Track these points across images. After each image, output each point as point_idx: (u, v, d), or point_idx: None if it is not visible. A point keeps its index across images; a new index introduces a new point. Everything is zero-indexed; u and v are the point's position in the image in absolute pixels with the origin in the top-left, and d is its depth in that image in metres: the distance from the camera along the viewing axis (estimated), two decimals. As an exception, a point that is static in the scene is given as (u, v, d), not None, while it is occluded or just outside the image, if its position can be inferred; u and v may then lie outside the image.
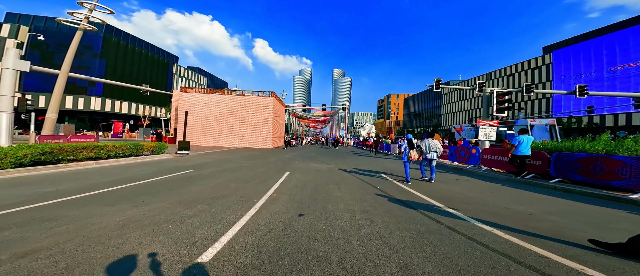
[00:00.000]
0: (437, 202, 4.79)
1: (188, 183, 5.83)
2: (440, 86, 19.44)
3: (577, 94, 16.55)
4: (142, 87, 22.61)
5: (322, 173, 8.41)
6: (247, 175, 7.30)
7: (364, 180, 7.26)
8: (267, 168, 9.01)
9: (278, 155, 15.75)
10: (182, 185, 5.60)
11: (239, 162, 10.61)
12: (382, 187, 6.23)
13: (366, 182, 6.95)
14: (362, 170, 9.44)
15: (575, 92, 16.63)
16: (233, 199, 4.52)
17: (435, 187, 6.43)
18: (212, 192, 5.05)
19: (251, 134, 24.56)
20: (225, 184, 5.87)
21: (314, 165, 10.53)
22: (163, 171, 7.54)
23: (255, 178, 6.81)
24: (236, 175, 7.34)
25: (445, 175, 8.57)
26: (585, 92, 16.31)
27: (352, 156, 16.68)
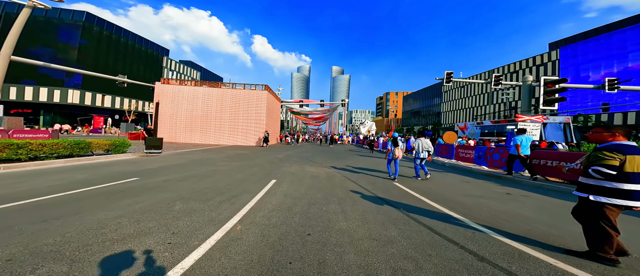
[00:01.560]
0: (532, 251, 2.84)
1: (106, 203, 3.80)
2: (451, 79, 17.58)
3: (606, 88, 14.85)
4: (118, 77, 20.30)
5: (319, 181, 6.44)
6: (215, 186, 5.29)
7: (378, 193, 5.30)
8: (248, 174, 7.01)
9: (269, 154, 13.73)
10: (89, 209, 3.56)
11: (216, 165, 8.57)
12: (406, 206, 4.28)
13: (385, 198, 4.99)
14: (366, 172, 7.53)
15: (604, 86, 14.92)
16: (149, 243, 2.52)
17: (498, 213, 4.52)
18: (127, 225, 3.02)
19: (242, 131, 22.44)
20: (167, 205, 3.86)
21: (310, 169, 8.56)
22: (96, 179, 5.47)
23: (224, 192, 4.81)
24: (199, 185, 5.31)
25: (485, 186, 6.64)
26: (616, 86, 14.61)
27: (352, 155, 14.76)
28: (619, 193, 2.15)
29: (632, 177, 2.11)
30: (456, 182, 7.07)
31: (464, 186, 6.46)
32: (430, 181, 6.98)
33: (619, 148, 2.18)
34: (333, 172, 8.21)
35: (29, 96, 33.89)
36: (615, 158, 2.12)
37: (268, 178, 6.61)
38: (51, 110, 35.42)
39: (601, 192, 2.23)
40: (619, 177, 2.14)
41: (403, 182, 6.76)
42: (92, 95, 37.96)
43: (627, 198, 2.13)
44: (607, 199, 2.19)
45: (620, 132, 2.32)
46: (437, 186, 6.30)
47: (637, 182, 2.11)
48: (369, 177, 7.43)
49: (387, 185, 6.18)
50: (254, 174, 7.09)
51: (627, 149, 2.15)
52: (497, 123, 27.79)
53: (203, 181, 5.75)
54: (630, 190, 2.12)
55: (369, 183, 6.44)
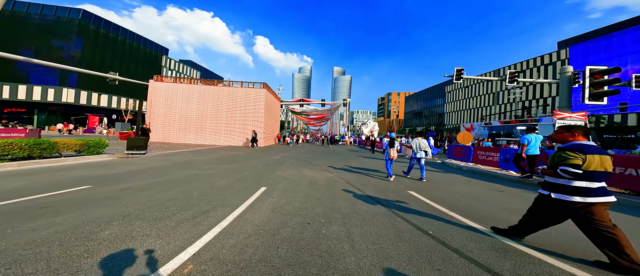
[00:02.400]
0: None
1: (19, 223, 2.73)
2: (461, 76, 16.44)
3: (633, 85, 13.62)
4: (109, 74, 19.36)
5: (318, 188, 5.35)
6: (184, 197, 4.21)
7: (388, 205, 4.19)
8: (234, 179, 5.93)
9: (266, 156, 12.65)
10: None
11: (200, 168, 7.50)
12: (432, 228, 3.16)
13: (399, 214, 3.88)
14: (372, 175, 6.43)
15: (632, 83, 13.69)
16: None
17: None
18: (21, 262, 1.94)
19: (240, 131, 21.40)
20: (95, 229, 2.78)
21: (308, 173, 7.47)
22: (33, 188, 4.41)
23: (192, 206, 3.73)
24: (163, 196, 4.24)
25: (528, 198, 5.51)
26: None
27: (355, 157, 13.65)
28: (578, 191, 2.22)
29: (591, 175, 2.18)
30: (487, 191, 5.94)
31: (501, 198, 5.32)
32: (453, 189, 5.86)
33: (580, 147, 2.24)
34: (334, 176, 7.11)
35: (22, 95, 33.14)
36: (578, 158, 2.19)
37: (257, 185, 5.52)
38: (46, 109, 34.63)
39: (562, 190, 2.29)
40: (582, 176, 2.20)
41: (419, 189, 5.65)
42: (88, 94, 37.12)
43: (586, 195, 2.19)
44: (567, 197, 2.26)
45: (580, 132, 2.41)
46: (464, 196, 5.17)
47: (596, 180, 2.18)
48: (376, 180, 6.32)
49: (402, 195, 5.07)
50: (241, 179, 6.01)
51: (587, 149, 2.23)
52: (507, 124, 26.57)
53: (173, 190, 4.67)
54: (588, 187, 2.19)
55: (378, 190, 5.34)
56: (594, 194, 2.19)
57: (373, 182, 6.57)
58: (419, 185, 6.18)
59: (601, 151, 2.24)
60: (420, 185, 6.19)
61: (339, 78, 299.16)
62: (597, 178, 2.19)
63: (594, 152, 2.20)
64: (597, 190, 2.19)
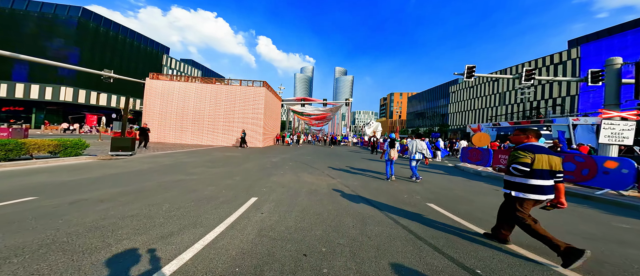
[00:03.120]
0: None
1: None
2: (472, 74, 15.49)
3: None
4: (103, 72, 18.68)
5: (318, 199, 4.49)
6: (147, 213, 3.38)
7: (418, 230, 3.32)
8: (221, 187, 5.10)
9: (263, 158, 11.82)
10: None
11: (187, 173, 6.69)
12: (480, 265, 2.27)
13: (425, 238, 3.01)
14: (383, 181, 5.55)
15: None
16: None
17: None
18: None
19: (238, 131, 20.62)
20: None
21: (308, 179, 6.62)
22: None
23: (153, 226, 2.89)
24: (120, 212, 3.40)
25: (587, 216, 4.60)
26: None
27: (359, 159, 12.77)
28: (531, 188, 2.41)
29: (539, 173, 2.38)
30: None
31: (553, 216, 4.41)
32: (482, 202, 4.97)
33: (530, 148, 2.45)
34: (337, 182, 6.25)
35: (20, 93, 32.76)
36: (527, 157, 2.39)
37: (247, 194, 4.68)
38: (43, 108, 34.20)
39: (519, 188, 2.48)
40: (530, 174, 2.40)
41: (439, 200, 4.76)
42: (87, 92, 36.65)
43: (537, 192, 2.39)
44: (524, 194, 2.44)
45: (532, 134, 2.61)
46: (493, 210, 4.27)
47: (543, 178, 2.38)
48: (386, 187, 5.44)
49: (421, 208, 4.19)
50: (230, 187, 5.17)
51: (536, 149, 2.43)
52: (517, 124, 25.49)
53: (138, 202, 3.82)
54: (538, 185, 2.39)
55: (390, 200, 4.46)
56: (539, 192, 2.37)
57: (382, 188, 5.69)
58: (438, 195, 5.29)
59: (550, 152, 2.44)
60: (439, 195, 5.30)
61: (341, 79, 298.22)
62: (543, 175, 2.36)
63: (542, 152, 2.39)
64: (544, 188, 2.37)
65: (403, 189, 5.75)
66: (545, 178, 2.37)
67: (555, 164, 2.38)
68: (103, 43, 39.56)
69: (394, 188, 5.89)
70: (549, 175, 2.38)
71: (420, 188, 5.99)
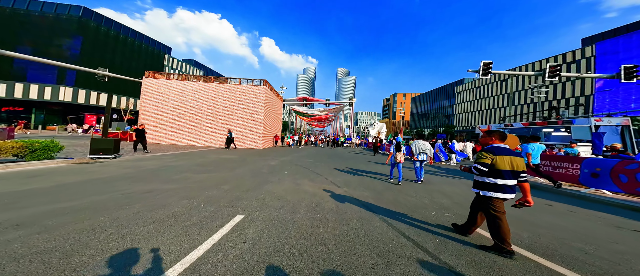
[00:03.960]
0: None
1: None
2: (489, 71, 14.37)
3: None
4: (98, 70, 17.99)
5: (321, 220, 3.47)
6: (71, 248, 2.38)
7: (455, 266, 2.25)
8: (201, 200, 4.11)
9: (261, 161, 10.85)
10: None
11: (167, 180, 5.73)
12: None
13: None
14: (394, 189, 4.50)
15: None
16: None
17: None
18: None
19: (237, 131, 19.72)
20: None
21: (309, 188, 5.60)
22: None
23: (68, 271, 1.87)
24: (43, 240, 2.42)
25: None
26: None
27: (364, 161, 11.70)
28: (495, 187, 2.56)
29: (500, 173, 2.51)
30: (591, 224, 3.94)
31: (624, 239, 3.32)
32: (543, 222, 3.88)
33: (492, 149, 2.59)
34: (344, 192, 5.21)
35: (19, 93, 32.43)
36: (488, 158, 2.54)
37: (230, 211, 3.68)
38: (43, 108, 33.81)
39: (485, 187, 2.62)
40: (493, 174, 2.53)
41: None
42: (86, 93, 36.21)
43: (501, 191, 2.53)
44: (490, 193, 2.58)
45: (496, 136, 2.74)
46: (573, 238, 3.19)
47: (505, 177, 2.51)
48: (406, 200, 4.39)
49: (472, 236, 3.12)
50: (210, 200, 4.17)
51: (497, 150, 2.56)
52: (532, 126, 24.03)
53: (73, 226, 2.83)
54: (501, 184, 2.53)
55: (416, 220, 3.40)
56: (502, 191, 2.53)
57: (400, 201, 4.63)
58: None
59: (513, 153, 2.56)
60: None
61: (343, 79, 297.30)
62: (505, 176, 2.51)
63: (503, 154, 2.53)
64: (505, 188, 2.53)
65: (427, 203, 4.68)
66: (508, 178, 2.50)
67: (517, 165, 2.51)
68: (104, 43, 39.19)
69: (415, 201, 4.83)
70: (511, 175, 2.51)
71: (448, 201, 4.92)
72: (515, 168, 2.49)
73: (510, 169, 2.48)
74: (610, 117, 19.63)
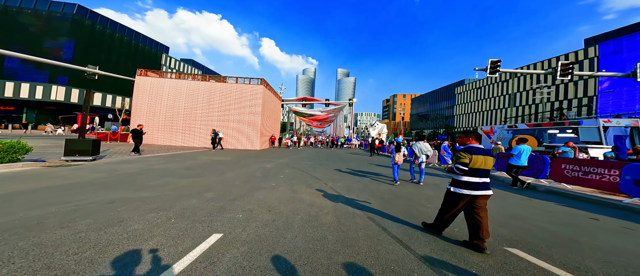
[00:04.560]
0: None
1: None
2: (497, 69, 13.76)
3: None
4: (87, 68, 17.27)
5: (320, 239, 2.77)
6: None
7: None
8: (174, 212, 3.39)
9: (256, 163, 10.13)
10: None
11: (143, 186, 5.01)
12: None
13: None
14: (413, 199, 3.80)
15: None
16: None
17: None
18: None
19: (233, 132, 19.00)
20: None
21: (306, 195, 4.90)
22: None
23: None
24: None
25: None
26: None
27: (367, 164, 11.00)
28: (466, 185, 2.65)
29: (474, 172, 2.63)
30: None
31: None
32: (603, 246, 3.18)
33: (468, 149, 2.68)
34: (346, 200, 4.48)
35: (10, 92, 31.54)
36: (466, 157, 2.63)
37: (206, 228, 2.96)
38: (35, 108, 32.91)
39: (457, 184, 2.72)
40: (469, 172, 2.64)
41: (527, 244, 2.99)
42: (80, 92, 35.30)
43: (472, 188, 2.63)
44: (460, 190, 2.68)
45: (472, 137, 2.86)
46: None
47: (478, 175, 2.63)
48: (420, 211, 3.67)
49: (508, 259, 2.40)
50: (185, 213, 3.45)
51: (473, 150, 2.66)
52: (537, 126, 23.39)
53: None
54: (473, 181, 2.63)
55: (438, 239, 2.68)
56: (477, 188, 2.63)
57: (412, 212, 3.91)
58: (510, 229, 3.50)
59: (486, 153, 2.68)
60: (511, 229, 3.51)
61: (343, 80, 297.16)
62: (479, 174, 2.64)
63: (479, 153, 2.63)
64: (479, 185, 2.64)
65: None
66: (482, 176, 2.65)
67: (487, 163, 2.64)
68: (99, 41, 38.38)
69: (430, 212, 4.12)
70: (484, 174, 2.66)
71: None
72: (486, 166, 2.65)
73: (484, 168, 2.64)
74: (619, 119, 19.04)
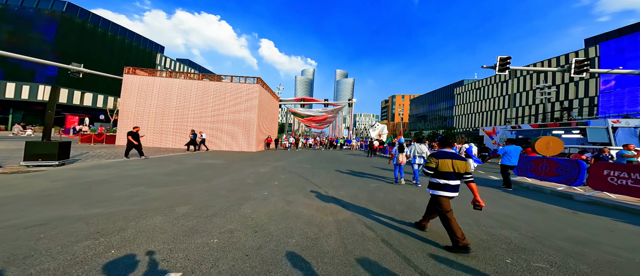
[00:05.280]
0: None
1: None
2: (507, 66, 13.08)
3: None
4: (71, 66, 16.30)
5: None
6: None
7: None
8: (121, 238, 2.49)
9: (249, 167, 9.24)
10: None
11: (103, 199, 4.12)
12: None
13: None
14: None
15: None
16: None
17: None
18: None
19: (228, 133, 18.07)
20: None
21: (303, 208, 4.08)
22: None
23: None
24: None
25: None
26: None
27: (369, 167, 10.16)
28: (437, 186, 2.87)
29: (442, 174, 2.83)
30: None
31: None
32: None
33: (434, 154, 2.95)
34: (352, 215, 3.62)
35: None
36: (433, 162, 2.89)
37: (153, 269, 2.06)
38: (21, 108, 31.59)
39: (432, 186, 2.94)
40: (438, 175, 2.86)
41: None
42: (69, 92, 34.05)
43: (442, 189, 2.83)
44: (434, 191, 2.88)
45: (441, 143, 3.11)
46: None
47: (445, 178, 2.82)
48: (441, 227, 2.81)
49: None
50: (137, 238, 2.56)
51: (439, 155, 2.90)
52: (542, 127, 22.80)
53: None
54: (444, 183, 2.82)
55: (474, 257, 1.86)
56: (448, 190, 2.81)
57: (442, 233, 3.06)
58: (548, 251, 2.66)
59: (454, 157, 2.85)
60: (554, 252, 2.67)
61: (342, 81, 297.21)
62: (448, 177, 2.80)
63: (445, 158, 2.84)
64: (449, 187, 2.81)
65: (484, 238, 3.11)
66: (451, 178, 2.79)
67: (458, 167, 2.79)
68: (89, 40, 37.19)
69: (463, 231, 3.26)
70: (454, 176, 2.79)
71: (515, 234, 3.37)
72: (457, 170, 2.77)
73: (452, 171, 2.77)
74: (628, 119, 18.46)
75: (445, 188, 2.78)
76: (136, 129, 9.92)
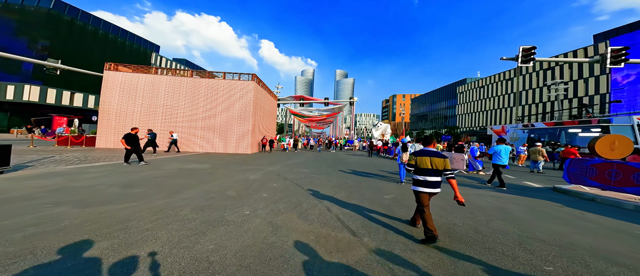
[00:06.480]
0: None
1: None
2: (531, 58, 11.73)
3: None
4: (47, 61, 14.97)
5: None
6: None
7: None
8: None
9: (238, 173, 7.88)
10: None
11: (41, 221, 2.67)
12: None
13: None
14: None
15: None
16: None
17: None
18: None
19: (221, 133, 16.70)
20: None
21: (295, 235, 2.66)
22: None
23: None
24: None
25: None
26: None
27: (376, 170, 8.78)
28: (417, 182, 3.05)
29: (421, 171, 3.03)
30: None
31: None
32: None
33: (415, 153, 3.16)
34: (367, 252, 2.25)
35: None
36: (413, 160, 3.11)
37: None
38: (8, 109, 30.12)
39: (413, 182, 3.11)
40: (418, 172, 3.05)
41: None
42: (57, 92, 32.59)
43: (421, 185, 3.01)
44: (415, 187, 3.06)
45: (423, 142, 3.31)
46: None
47: (422, 174, 3.01)
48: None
49: None
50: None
51: (418, 153, 3.12)
52: (558, 125, 21.44)
53: None
54: (421, 179, 3.01)
55: None
56: (426, 186, 2.98)
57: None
58: None
59: (433, 155, 3.02)
60: None
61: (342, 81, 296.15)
62: (427, 173, 2.98)
63: (424, 155, 3.03)
64: (427, 183, 2.98)
65: (552, 270, 1.74)
66: (430, 175, 2.97)
67: (436, 164, 2.97)
68: (79, 38, 35.78)
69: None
70: (433, 173, 2.96)
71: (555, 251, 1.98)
72: (435, 167, 2.96)
73: (430, 168, 2.96)
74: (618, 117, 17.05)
75: (424, 184, 2.97)
76: (134, 131, 8.51)
